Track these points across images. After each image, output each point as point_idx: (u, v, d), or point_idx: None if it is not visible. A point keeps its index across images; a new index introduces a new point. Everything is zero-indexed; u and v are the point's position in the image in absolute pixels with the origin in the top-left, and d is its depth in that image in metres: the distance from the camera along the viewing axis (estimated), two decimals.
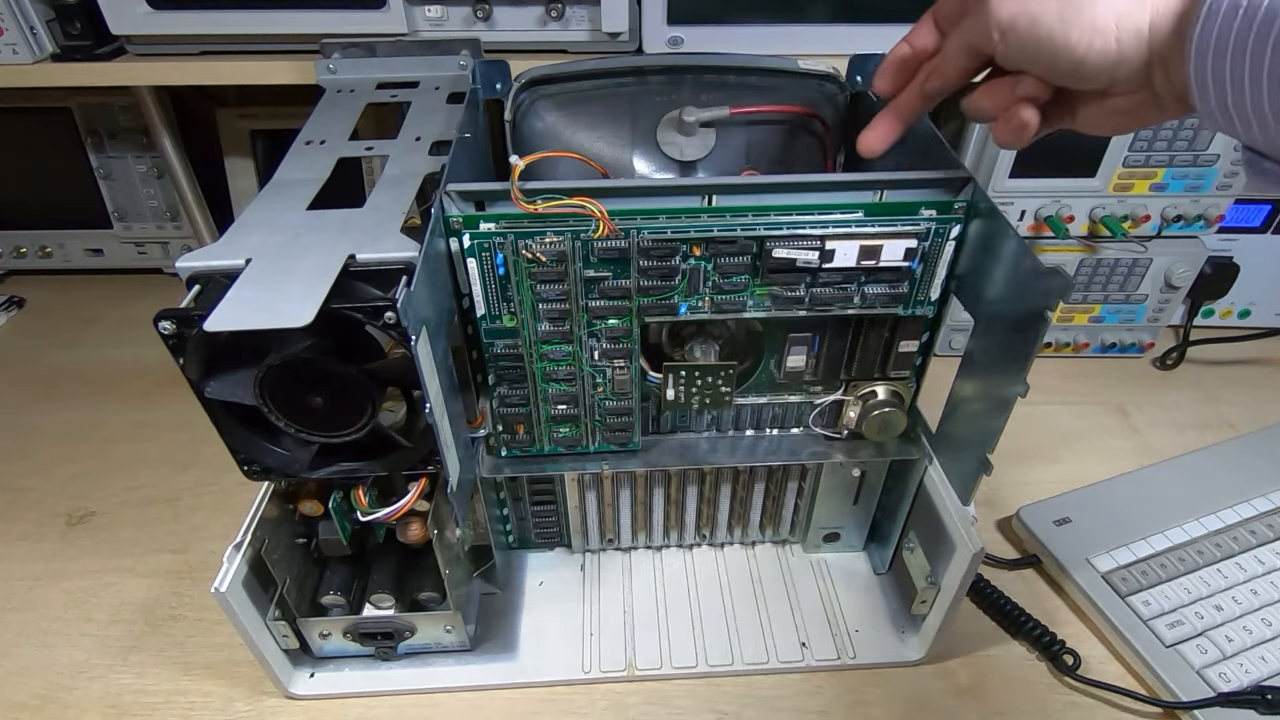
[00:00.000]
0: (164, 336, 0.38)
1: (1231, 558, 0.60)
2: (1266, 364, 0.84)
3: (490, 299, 0.46)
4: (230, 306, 0.35)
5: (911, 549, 0.56)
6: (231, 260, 0.39)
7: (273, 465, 0.44)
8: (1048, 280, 0.38)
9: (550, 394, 0.51)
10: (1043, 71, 0.36)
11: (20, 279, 0.96)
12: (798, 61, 0.57)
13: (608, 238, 0.43)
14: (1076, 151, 0.71)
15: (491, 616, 0.59)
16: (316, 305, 0.35)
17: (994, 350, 0.44)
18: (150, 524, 0.66)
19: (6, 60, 0.70)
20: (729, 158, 0.57)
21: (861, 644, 0.57)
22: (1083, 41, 0.33)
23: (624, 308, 0.47)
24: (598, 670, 0.56)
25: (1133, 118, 0.36)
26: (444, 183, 0.43)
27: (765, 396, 0.54)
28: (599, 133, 0.57)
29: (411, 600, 0.54)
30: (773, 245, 0.44)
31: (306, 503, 0.49)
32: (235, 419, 0.42)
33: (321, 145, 0.52)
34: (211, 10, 0.67)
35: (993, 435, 0.44)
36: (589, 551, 0.64)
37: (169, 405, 0.76)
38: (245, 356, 0.40)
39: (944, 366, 0.52)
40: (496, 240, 0.44)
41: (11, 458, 0.73)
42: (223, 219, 0.90)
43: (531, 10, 0.67)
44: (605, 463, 0.55)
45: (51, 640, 0.57)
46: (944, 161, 0.46)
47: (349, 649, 0.54)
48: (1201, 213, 0.74)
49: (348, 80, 0.62)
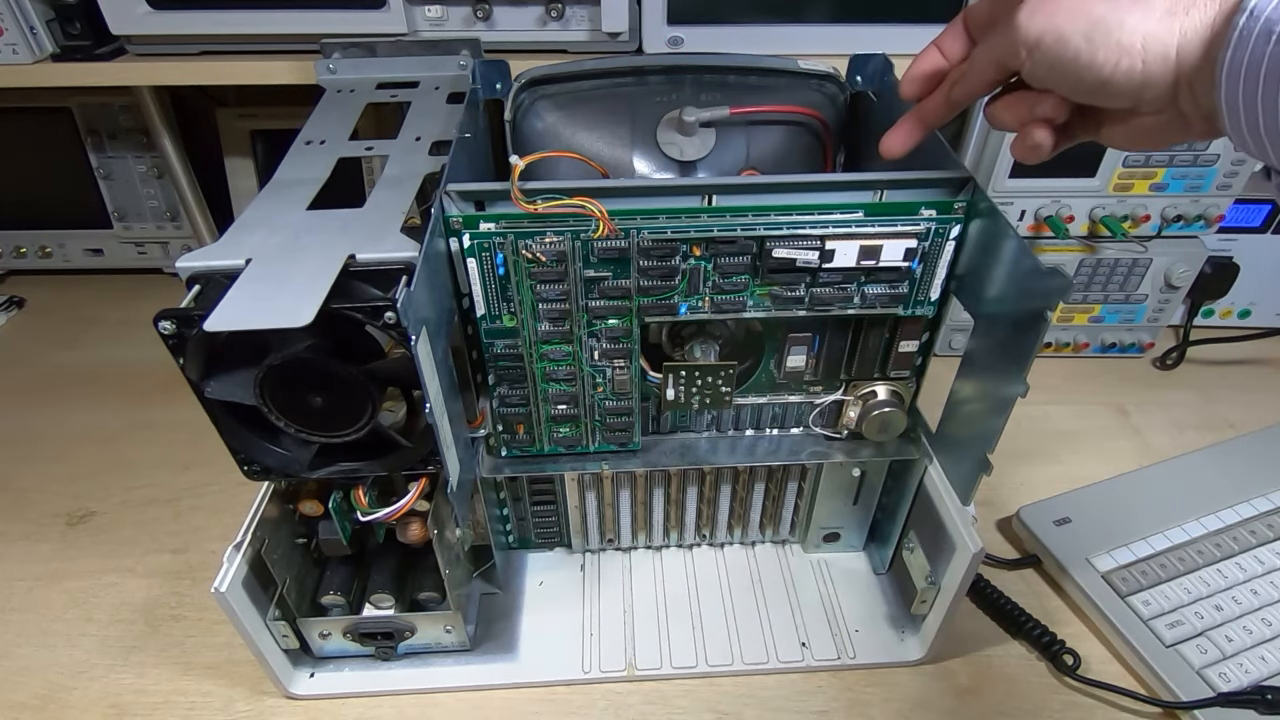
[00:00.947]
0: (164, 336, 0.38)
1: (1231, 558, 0.60)
2: (1266, 364, 0.84)
3: (490, 299, 0.46)
4: (230, 306, 0.35)
5: (911, 549, 0.56)
6: (231, 260, 0.39)
7: (273, 465, 0.44)
8: (1048, 280, 0.38)
9: (550, 394, 0.51)
10: (1068, 90, 0.36)
11: (20, 279, 0.96)
12: (797, 61, 0.57)
13: (608, 237, 0.43)
14: (1076, 151, 0.71)
15: (491, 616, 0.59)
16: (316, 305, 0.35)
17: (994, 350, 0.44)
18: (150, 524, 0.66)
19: (6, 60, 0.70)
20: (729, 158, 0.57)
21: (861, 644, 0.57)
22: (1109, 62, 0.33)
23: (624, 308, 0.47)
24: (598, 670, 0.56)
25: (1159, 136, 0.36)
26: (444, 183, 0.43)
27: (765, 396, 0.54)
28: (599, 133, 0.57)
29: (411, 600, 0.54)
30: (773, 245, 0.44)
31: (306, 503, 0.49)
32: (235, 419, 0.42)
33: (321, 145, 0.52)
34: (211, 10, 0.67)
35: (993, 435, 0.44)
36: (589, 551, 0.64)
37: (169, 405, 0.76)
38: (245, 356, 0.39)
39: (944, 366, 0.52)
40: (496, 240, 0.43)
41: (11, 458, 0.73)
42: (223, 219, 0.90)
43: (531, 10, 0.67)
44: (605, 463, 0.55)
45: (52, 640, 0.57)
46: (944, 161, 0.46)
47: (349, 649, 0.54)
48: (1201, 213, 0.74)
49: (348, 80, 0.62)
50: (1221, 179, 0.73)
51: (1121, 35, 0.33)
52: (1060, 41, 0.34)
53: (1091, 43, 0.33)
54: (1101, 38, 0.33)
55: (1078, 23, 0.33)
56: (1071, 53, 0.34)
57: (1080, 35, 0.33)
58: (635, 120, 0.57)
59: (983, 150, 0.73)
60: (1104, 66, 0.33)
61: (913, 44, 0.66)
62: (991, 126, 0.41)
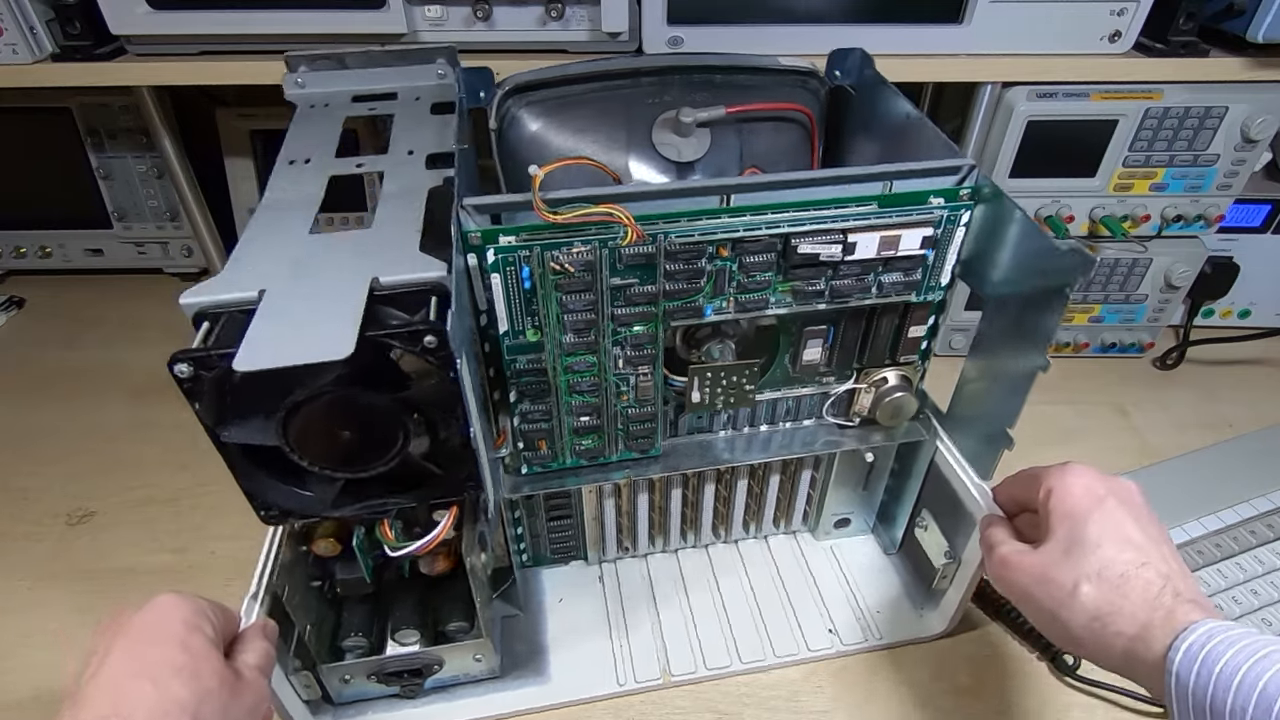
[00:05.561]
0: (180, 380, 0.35)
1: (1231, 558, 0.60)
2: (1266, 364, 0.84)
3: (514, 314, 0.44)
4: (257, 343, 0.33)
5: (925, 527, 0.57)
6: (241, 293, 0.36)
7: (293, 507, 0.41)
8: (1067, 259, 0.40)
9: (574, 406, 0.49)
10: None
11: (20, 279, 0.96)
12: (778, 59, 0.58)
13: (636, 244, 0.42)
14: (1077, 152, 0.71)
15: (514, 639, 0.57)
16: (353, 334, 0.33)
17: (1009, 329, 0.46)
18: (150, 524, 0.66)
19: (6, 60, 0.70)
20: (724, 157, 0.57)
21: (884, 624, 0.58)
22: (1060, 641, 0.41)
23: (649, 313, 0.46)
24: (633, 681, 0.55)
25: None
26: (457, 197, 0.42)
27: (780, 391, 0.54)
28: (592, 137, 0.56)
29: (437, 632, 0.51)
30: (798, 241, 0.44)
31: (321, 542, 0.46)
32: (252, 461, 0.39)
33: (307, 164, 0.49)
34: (211, 10, 0.67)
35: (1014, 410, 0.45)
36: (605, 562, 0.63)
37: (169, 405, 0.75)
38: (263, 395, 0.36)
39: (944, 366, 0.52)
40: (522, 254, 0.42)
41: (11, 458, 0.73)
42: (223, 219, 0.90)
43: (531, 10, 0.67)
44: (628, 470, 0.53)
45: (52, 640, 0.57)
46: (946, 154, 0.47)
47: (371, 690, 0.52)
48: (1201, 213, 0.74)
49: (319, 94, 0.58)
50: (1221, 179, 0.73)
51: (1070, 636, 0.40)
52: (1020, 603, 0.42)
53: (1041, 627, 0.42)
54: (1048, 630, 0.41)
55: (1032, 609, 0.41)
56: (1030, 615, 0.42)
57: (1034, 618, 0.42)
58: (629, 123, 0.56)
59: (983, 149, 0.73)
60: (1055, 640, 0.41)
61: (914, 44, 0.67)
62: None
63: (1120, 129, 0.70)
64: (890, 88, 0.55)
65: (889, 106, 0.55)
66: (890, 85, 0.55)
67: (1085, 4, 0.65)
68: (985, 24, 0.66)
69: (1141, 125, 0.69)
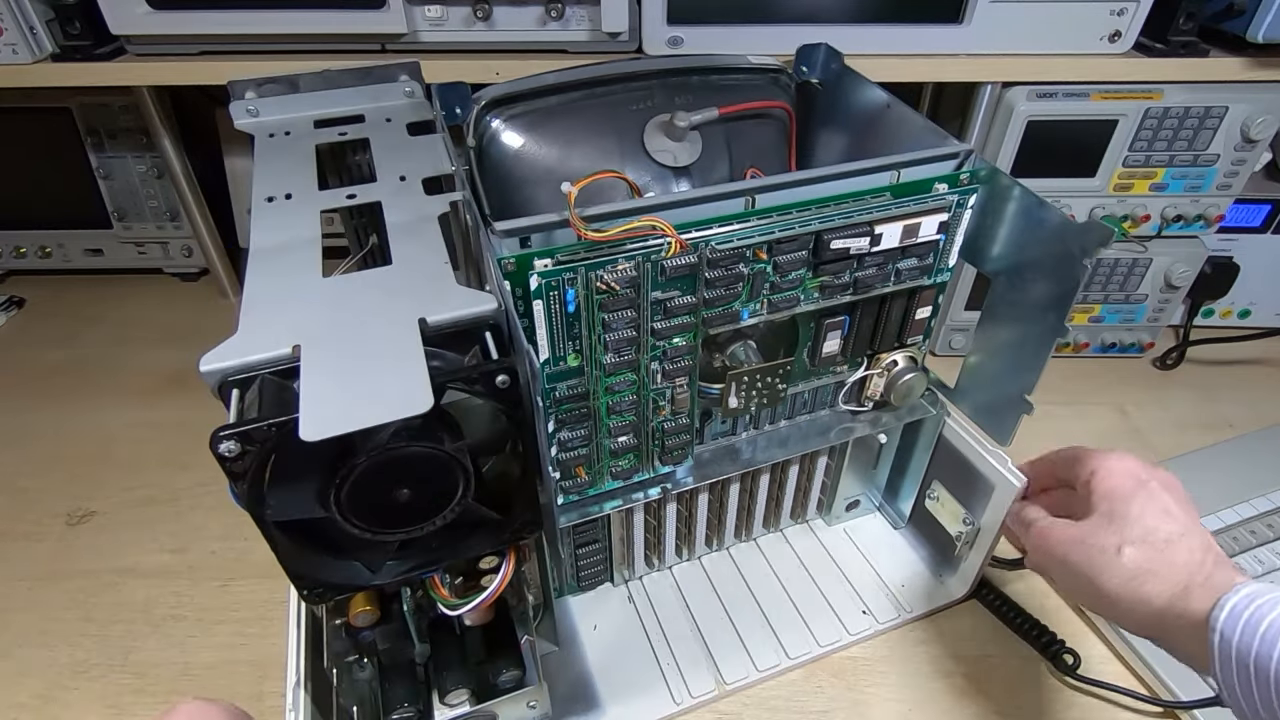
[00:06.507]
0: (224, 460, 0.30)
1: (1232, 557, 0.60)
2: (1266, 364, 0.84)
3: (555, 340, 0.42)
4: (320, 406, 0.29)
5: (935, 498, 0.58)
6: (270, 351, 0.32)
7: (341, 581, 0.36)
8: (1089, 234, 0.43)
9: (612, 427, 0.48)
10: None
11: (20, 279, 0.96)
12: (747, 58, 0.58)
13: (679, 254, 0.41)
14: (1077, 152, 0.71)
15: (556, 676, 0.54)
16: (427, 385, 0.29)
17: (1020, 303, 0.49)
18: (150, 524, 0.66)
19: (6, 60, 0.70)
20: (715, 159, 0.57)
21: (910, 597, 0.59)
22: (1089, 601, 0.44)
23: (689, 324, 0.45)
24: (688, 698, 0.53)
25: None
26: (484, 222, 0.40)
27: (798, 385, 0.54)
28: (582, 149, 0.54)
29: (486, 685, 0.47)
30: (830, 237, 0.44)
31: (360, 612, 0.41)
32: (293, 537, 0.35)
33: (289, 200, 0.44)
34: (211, 10, 0.67)
35: (1032, 377, 0.48)
36: (631, 580, 0.62)
37: (169, 405, 0.76)
38: (309, 463, 0.32)
39: (944, 366, 0.52)
40: (566, 276, 0.40)
41: (11, 458, 0.73)
42: (223, 219, 0.90)
43: (531, 10, 0.67)
44: (665, 484, 0.52)
45: (52, 640, 0.58)
46: (933, 138, 0.49)
47: None
48: (1201, 212, 0.74)
49: (276, 121, 0.52)
50: (1221, 179, 0.73)
51: (1100, 601, 0.43)
52: (1058, 578, 0.46)
53: (1074, 595, 0.47)
54: (1082, 598, 0.45)
55: (1068, 581, 0.44)
56: (1063, 586, 0.46)
57: (1068, 588, 0.45)
58: (619, 132, 0.55)
59: (983, 148, 0.73)
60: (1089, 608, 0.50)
61: (914, 44, 0.67)
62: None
63: (1120, 129, 0.70)
64: (861, 78, 0.56)
65: (860, 97, 0.56)
66: (861, 76, 0.56)
67: (1085, 4, 0.65)
68: (985, 24, 0.66)
69: (1141, 125, 0.69)
